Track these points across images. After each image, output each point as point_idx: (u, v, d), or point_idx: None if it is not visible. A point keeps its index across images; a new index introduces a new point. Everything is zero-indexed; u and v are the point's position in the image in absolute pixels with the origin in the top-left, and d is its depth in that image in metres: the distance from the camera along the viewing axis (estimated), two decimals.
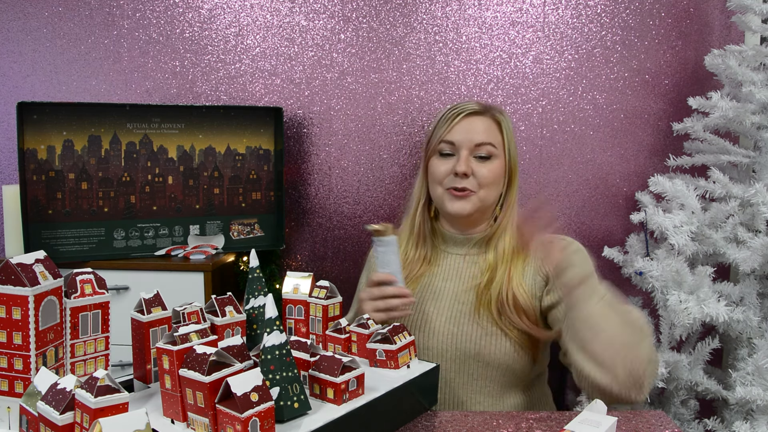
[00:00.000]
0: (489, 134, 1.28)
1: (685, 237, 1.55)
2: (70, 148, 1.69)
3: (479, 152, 1.27)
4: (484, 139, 1.27)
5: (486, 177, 1.26)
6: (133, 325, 0.90)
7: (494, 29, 1.90)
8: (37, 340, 0.77)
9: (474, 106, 1.30)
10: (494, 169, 1.27)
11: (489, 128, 1.29)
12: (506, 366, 1.20)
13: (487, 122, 1.29)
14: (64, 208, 1.70)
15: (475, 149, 1.27)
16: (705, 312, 1.47)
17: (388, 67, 1.92)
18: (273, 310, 0.80)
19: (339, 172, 1.95)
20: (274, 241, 1.88)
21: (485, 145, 1.26)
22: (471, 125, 1.28)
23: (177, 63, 1.94)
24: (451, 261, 1.33)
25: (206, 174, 1.81)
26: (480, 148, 1.26)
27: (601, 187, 1.93)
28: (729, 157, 1.67)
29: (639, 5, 1.88)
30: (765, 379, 1.47)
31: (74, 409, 0.69)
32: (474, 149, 1.27)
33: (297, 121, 1.94)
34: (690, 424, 1.69)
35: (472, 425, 0.96)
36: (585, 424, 0.89)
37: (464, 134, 1.27)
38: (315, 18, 1.92)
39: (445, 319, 1.24)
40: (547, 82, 1.90)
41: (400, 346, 0.98)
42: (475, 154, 1.27)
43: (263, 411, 0.70)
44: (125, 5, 1.93)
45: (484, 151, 1.27)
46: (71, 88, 1.95)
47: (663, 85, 1.90)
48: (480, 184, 1.26)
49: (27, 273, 0.77)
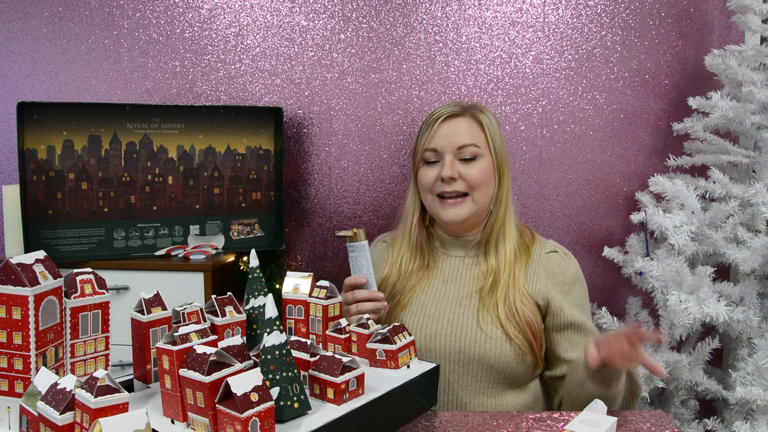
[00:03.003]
0: (471, 135, 1.27)
1: (685, 237, 1.55)
2: (70, 148, 1.69)
3: (463, 155, 1.26)
4: (466, 141, 1.26)
5: (475, 178, 1.25)
6: (133, 325, 0.90)
7: (494, 29, 1.90)
8: (37, 340, 0.77)
9: (451, 108, 1.29)
10: (482, 169, 1.26)
11: (470, 129, 1.27)
12: (509, 369, 1.20)
13: (467, 123, 1.28)
14: (64, 208, 1.70)
15: (458, 152, 1.26)
16: (705, 312, 1.47)
17: (388, 67, 1.92)
18: (273, 310, 0.80)
19: (339, 172, 1.95)
20: (274, 241, 1.88)
21: (468, 147, 1.26)
22: (451, 128, 1.27)
23: (177, 63, 1.94)
24: (451, 263, 1.33)
25: (206, 174, 1.81)
26: (463, 150, 1.26)
27: (601, 187, 1.93)
28: (729, 157, 1.67)
29: (639, 5, 1.88)
30: (765, 379, 1.47)
31: (74, 409, 0.69)
32: (457, 152, 1.26)
33: (297, 121, 1.94)
34: (690, 424, 1.69)
35: (472, 425, 0.96)
36: (585, 424, 0.89)
37: (445, 139, 1.26)
38: (315, 18, 1.92)
39: (446, 322, 1.23)
40: (547, 82, 1.90)
41: (400, 346, 0.98)
42: (460, 156, 1.26)
43: (263, 411, 0.70)
44: (125, 5, 1.93)
45: (468, 152, 1.26)
46: (71, 88, 1.95)
47: (663, 85, 1.90)
48: (470, 186, 1.26)
49: (27, 273, 0.77)
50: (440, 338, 1.22)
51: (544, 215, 1.94)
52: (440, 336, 1.22)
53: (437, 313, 1.25)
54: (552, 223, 1.94)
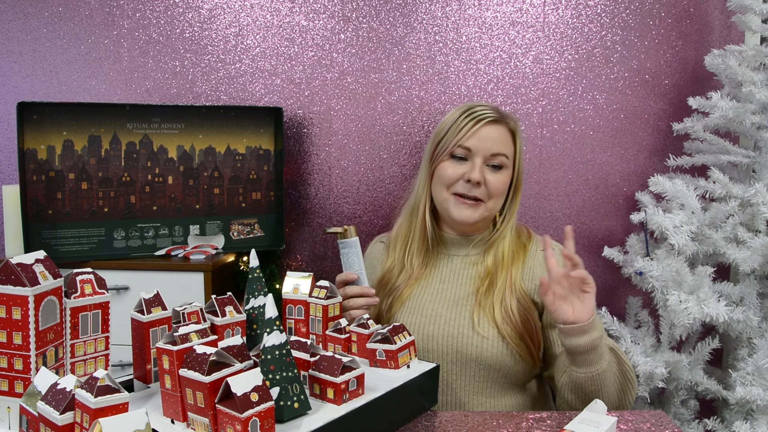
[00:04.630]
0: (505, 145, 1.28)
1: (685, 237, 1.55)
2: (70, 148, 1.69)
3: (493, 161, 1.26)
4: (500, 150, 1.27)
5: (496, 187, 1.26)
6: (133, 325, 0.90)
7: (494, 29, 1.90)
8: (37, 340, 0.77)
9: (493, 114, 1.28)
10: (504, 179, 1.28)
11: (505, 138, 1.28)
12: (507, 369, 1.20)
13: (503, 132, 1.28)
14: (64, 208, 1.70)
15: (490, 158, 1.26)
16: (705, 312, 1.47)
17: (388, 67, 1.92)
18: (273, 310, 0.80)
19: (339, 172, 1.95)
20: (274, 241, 1.88)
21: (499, 156, 1.27)
22: (489, 133, 1.27)
23: (177, 63, 1.94)
24: (449, 262, 1.33)
25: (206, 174, 1.81)
26: (494, 158, 1.26)
27: (601, 187, 1.93)
28: (729, 157, 1.67)
29: (639, 5, 1.88)
30: (765, 379, 1.47)
31: (74, 409, 0.69)
32: (489, 158, 1.26)
33: (297, 121, 1.94)
34: (690, 424, 1.69)
35: (472, 425, 0.96)
36: (585, 424, 0.89)
37: (482, 142, 1.26)
38: (315, 18, 1.92)
39: (443, 322, 1.23)
40: (547, 82, 1.90)
41: (400, 346, 0.98)
42: (489, 163, 1.27)
43: (263, 411, 0.70)
44: (125, 5, 1.93)
45: (498, 161, 1.27)
46: (71, 88, 1.95)
47: (663, 85, 1.90)
48: (490, 194, 1.26)
49: (27, 273, 0.77)
50: (437, 338, 1.22)
51: (544, 215, 1.94)
52: (437, 336, 1.22)
53: (434, 313, 1.25)
54: (552, 223, 1.94)
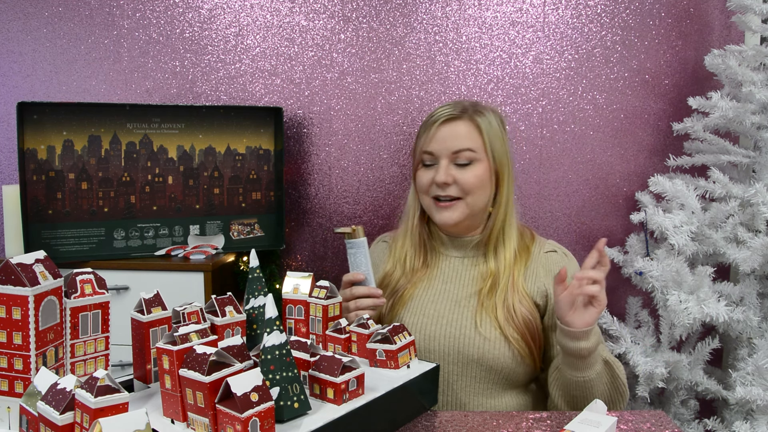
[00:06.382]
0: (467, 139, 1.24)
1: (685, 237, 1.55)
2: (70, 148, 1.69)
3: (459, 159, 1.24)
4: (462, 146, 1.24)
5: (469, 182, 1.24)
6: (133, 325, 0.90)
7: (494, 29, 1.90)
8: (37, 340, 0.77)
9: (450, 111, 1.26)
10: (477, 174, 1.24)
11: (467, 133, 1.25)
12: (509, 370, 1.20)
13: (465, 126, 1.25)
14: (64, 208, 1.70)
15: (454, 157, 1.24)
16: (705, 312, 1.47)
17: (388, 67, 1.92)
18: (273, 310, 0.80)
19: (339, 172, 1.95)
20: (274, 241, 1.88)
21: (464, 152, 1.24)
22: (448, 132, 1.25)
23: (177, 63, 1.94)
24: (450, 263, 1.33)
25: (206, 174, 1.81)
26: (459, 155, 1.24)
27: (601, 187, 1.93)
28: (729, 157, 1.67)
29: (639, 5, 1.88)
30: (765, 379, 1.47)
31: (74, 409, 0.69)
32: (453, 157, 1.24)
33: (297, 121, 1.94)
34: (690, 424, 1.69)
35: (472, 425, 0.96)
36: (585, 424, 0.89)
37: (441, 143, 1.25)
38: (315, 18, 1.92)
39: (445, 323, 1.23)
40: (547, 82, 1.90)
41: (400, 346, 0.98)
42: (455, 161, 1.25)
43: (263, 411, 0.70)
44: (125, 5, 1.93)
45: (464, 157, 1.24)
46: (71, 88, 1.95)
47: (663, 85, 1.90)
48: (464, 190, 1.24)
49: (27, 273, 0.77)
50: (439, 339, 1.22)
51: (544, 215, 1.94)
52: (439, 336, 1.22)
53: (436, 313, 1.25)
54: (552, 223, 1.94)
